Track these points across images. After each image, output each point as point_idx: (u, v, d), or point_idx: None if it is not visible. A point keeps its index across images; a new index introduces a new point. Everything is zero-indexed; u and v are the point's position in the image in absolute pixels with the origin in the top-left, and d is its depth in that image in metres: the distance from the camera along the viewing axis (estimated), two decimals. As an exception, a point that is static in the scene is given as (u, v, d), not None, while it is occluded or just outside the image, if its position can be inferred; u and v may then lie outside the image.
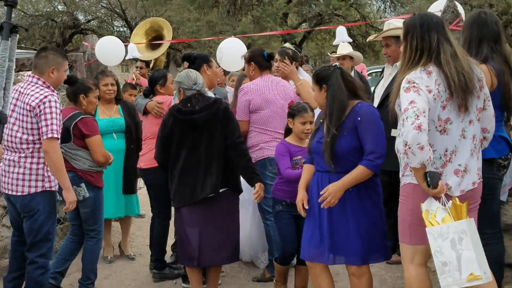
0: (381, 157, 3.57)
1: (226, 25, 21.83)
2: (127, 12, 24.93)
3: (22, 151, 4.11)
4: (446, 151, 3.22)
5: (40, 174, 4.14)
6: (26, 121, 4.07)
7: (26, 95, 4.08)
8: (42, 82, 4.16)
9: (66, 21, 25.23)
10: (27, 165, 4.11)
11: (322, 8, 23.05)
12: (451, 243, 3.07)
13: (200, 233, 4.39)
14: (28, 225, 4.15)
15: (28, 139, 4.08)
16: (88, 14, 26.00)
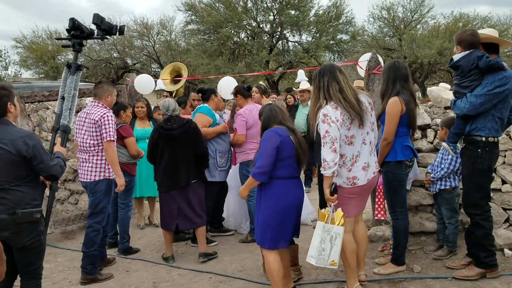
0: (259, 167, 3.32)
1: (228, 68, 21.77)
2: (160, 58, 24.80)
3: (90, 152, 4.25)
4: (353, 156, 3.35)
5: (102, 167, 4.25)
6: (92, 131, 4.22)
7: (92, 114, 4.25)
8: (101, 104, 4.33)
9: (119, 64, 25.09)
10: (94, 160, 4.24)
11: (292, 58, 23.09)
12: (330, 238, 3.30)
13: (178, 208, 4.61)
14: (91, 201, 4.30)
15: (94, 143, 4.24)
16: (134, 59, 25.85)
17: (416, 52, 21.82)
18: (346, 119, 3.23)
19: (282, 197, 3.36)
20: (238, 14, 22.74)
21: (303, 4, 22.79)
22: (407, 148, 3.76)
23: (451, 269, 3.87)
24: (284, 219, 3.39)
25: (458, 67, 3.54)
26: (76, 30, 3.81)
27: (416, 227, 4.56)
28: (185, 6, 23.70)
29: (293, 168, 3.41)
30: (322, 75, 3.35)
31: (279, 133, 3.38)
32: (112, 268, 4.62)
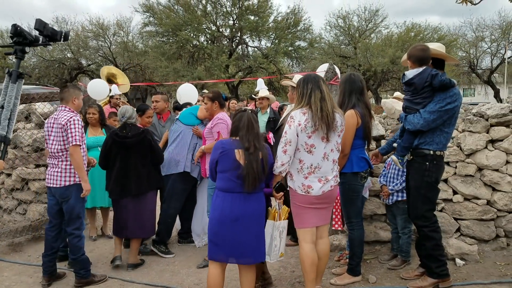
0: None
1: (187, 71, 21.54)
2: (117, 60, 24.19)
3: (59, 157, 4.13)
4: (311, 165, 3.37)
5: (72, 172, 4.14)
6: (59, 136, 4.09)
7: (59, 118, 4.12)
8: (68, 109, 4.20)
9: (73, 65, 24.30)
10: (62, 166, 4.13)
11: (251, 63, 23.16)
12: (279, 233, 3.47)
13: (127, 216, 4.56)
14: (65, 208, 4.17)
15: (62, 148, 4.12)
16: (89, 60, 25.08)
17: (370, 60, 22.45)
18: (309, 127, 3.26)
19: (217, 208, 3.30)
20: (197, 18, 22.56)
21: (262, 10, 22.96)
22: (362, 159, 3.80)
23: (405, 280, 3.92)
24: (218, 231, 3.28)
25: (412, 84, 3.60)
26: (18, 36, 3.64)
27: (371, 236, 4.61)
28: (142, 8, 23.31)
29: (233, 182, 3.25)
30: (306, 83, 3.39)
31: (223, 144, 3.32)
32: (62, 282, 4.37)
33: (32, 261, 4.97)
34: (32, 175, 5.71)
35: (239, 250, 3.29)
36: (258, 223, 3.34)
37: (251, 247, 3.30)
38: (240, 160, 3.24)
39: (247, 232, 3.27)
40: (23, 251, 5.30)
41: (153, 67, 23.31)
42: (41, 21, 3.71)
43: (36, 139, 5.71)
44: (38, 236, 5.54)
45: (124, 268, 4.66)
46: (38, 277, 4.50)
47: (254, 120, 3.40)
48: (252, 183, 3.21)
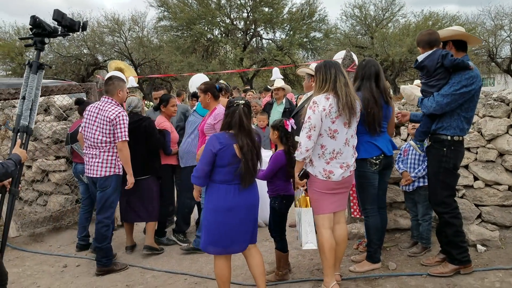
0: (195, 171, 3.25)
1: (201, 65, 21.57)
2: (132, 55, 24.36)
3: (101, 148, 4.26)
4: (333, 150, 3.38)
5: (112, 163, 4.29)
6: (106, 128, 4.21)
7: (106, 111, 4.24)
8: (114, 101, 4.34)
9: (89, 60, 24.50)
10: (104, 157, 4.26)
11: (266, 55, 23.09)
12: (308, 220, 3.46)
13: (127, 201, 4.73)
14: (100, 196, 4.31)
15: (106, 140, 4.25)
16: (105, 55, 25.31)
17: (387, 50, 22.15)
18: (334, 112, 3.27)
19: (213, 199, 3.24)
20: (211, 11, 22.56)
21: (277, 2, 22.85)
22: (370, 145, 3.71)
23: (425, 266, 3.89)
24: (217, 221, 3.21)
25: (423, 67, 3.56)
26: (37, 28, 3.71)
27: (390, 224, 4.58)
28: (157, 2, 23.39)
29: (230, 175, 3.20)
30: (329, 68, 3.37)
31: (220, 140, 3.19)
32: (83, 272, 4.47)
33: (53, 251, 5.10)
34: (52, 167, 5.83)
35: (235, 238, 3.25)
36: (252, 212, 3.31)
37: (246, 235, 3.29)
38: (239, 155, 3.17)
39: (241, 222, 3.24)
40: (44, 241, 5.44)
41: (168, 62, 23.38)
42: (59, 11, 3.76)
43: (56, 131, 5.82)
44: (58, 227, 5.67)
45: (144, 256, 4.75)
46: (59, 267, 4.62)
47: (246, 116, 3.27)
48: (249, 179, 3.21)
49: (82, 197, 5.14)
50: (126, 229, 5.00)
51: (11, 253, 4.97)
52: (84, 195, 5.08)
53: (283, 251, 3.90)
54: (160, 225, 5.13)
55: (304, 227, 3.46)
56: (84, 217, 5.02)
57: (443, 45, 3.62)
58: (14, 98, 5.33)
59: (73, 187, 6.00)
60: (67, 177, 5.88)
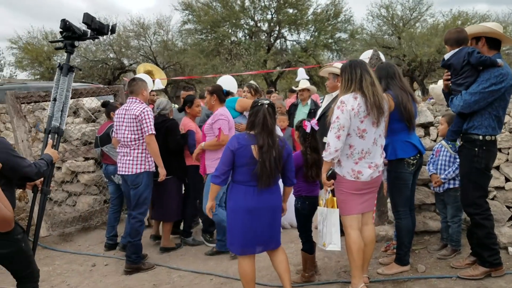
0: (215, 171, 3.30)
1: (225, 68, 21.74)
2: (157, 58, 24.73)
3: (131, 146, 4.42)
4: (362, 150, 3.35)
5: (143, 160, 4.43)
6: (133, 126, 4.38)
7: (131, 109, 4.40)
8: (138, 100, 4.50)
9: (116, 64, 25.01)
10: (134, 154, 4.41)
11: (290, 57, 23.10)
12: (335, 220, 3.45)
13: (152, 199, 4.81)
14: (133, 193, 4.46)
15: (135, 138, 4.41)
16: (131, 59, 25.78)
17: (415, 50, 21.82)
18: (362, 111, 3.25)
19: (233, 199, 3.30)
20: (235, 13, 22.73)
21: (301, 3, 22.84)
22: (407, 144, 3.69)
23: (455, 269, 3.84)
24: (236, 222, 3.26)
25: (450, 65, 3.52)
26: (67, 31, 3.81)
27: (419, 226, 4.53)
28: (182, 6, 23.71)
29: (248, 176, 3.23)
30: (354, 67, 3.35)
31: (239, 139, 3.23)
32: (111, 271, 4.57)
33: (82, 250, 5.23)
34: (81, 168, 5.99)
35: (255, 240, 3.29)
36: (272, 214, 3.32)
37: (267, 237, 3.31)
38: (256, 156, 3.19)
39: (261, 223, 3.25)
40: (73, 241, 5.59)
41: (192, 65, 23.66)
42: (89, 15, 3.86)
43: (85, 133, 5.98)
44: (87, 227, 5.82)
45: (171, 255, 4.83)
46: (88, 266, 4.74)
47: (270, 116, 3.28)
48: (266, 181, 3.19)
49: (112, 197, 5.26)
50: (156, 224, 5.35)
51: (41, 252, 5.12)
52: (113, 195, 5.21)
53: (309, 252, 3.90)
54: (186, 225, 5.20)
55: (328, 228, 3.47)
56: (113, 216, 5.15)
57: (476, 41, 3.56)
58: (44, 100, 5.52)
59: (101, 188, 6.15)
60: (95, 178, 6.03)
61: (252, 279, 3.38)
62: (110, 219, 5.18)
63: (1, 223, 2.26)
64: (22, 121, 5.29)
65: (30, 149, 5.33)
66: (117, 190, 5.16)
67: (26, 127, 5.36)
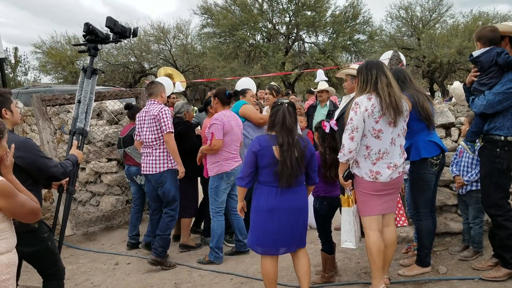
0: (240, 173, 3.38)
1: (243, 70, 21.82)
2: (177, 62, 25.03)
3: (153, 146, 4.52)
4: (379, 151, 3.32)
5: (165, 158, 4.52)
6: (153, 126, 4.48)
7: (151, 110, 4.51)
8: (157, 102, 4.61)
9: (136, 68, 25.42)
10: (156, 153, 4.51)
11: (308, 59, 23.04)
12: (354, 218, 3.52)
13: None
14: (162, 192, 4.59)
15: (156, 137, 4.50)
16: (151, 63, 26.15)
17: (435, 51, 21.56)
18: (376, 112, 3.23)
19: (256, 199, 3.33)
20: (253, 16, 22.81)
21: (320, 5, 22.77)
22: (430, 144, 3.65)
23: (477, 270, 3.78)
24: (259, 222, 3.29)
25: (478, 62, 3.48)
26: (91, 34, 3.90)
27: (440, 228, 4.48)
28: (201, 10, 23.90)
29: (270, 176, 3.23)
30: (369, 69, 3.34)
31: (260, 141, 3.25)
32: (134, 269, 4.64)
33: (105, 249, 5.33)
34: (104, 169, 6.10)
35: (278, 240, 3.28)
36: (297, 215, 3.30)
37: (291, 237, 3.30)
38: (278, 156, 3.19)
39: (284, 224, 3.25)
40: (97, 240, 5.69)
41: (211, 68, 23.88)
42: (112, 18, 3.94)
43: (108, 135, 6.09)
44: (110, 226, 5.92)
45: (192, 255, 4.89)
46: (111, 264, 4.82)
47: (290, 114, 3.26)
48: (287, 179, 3.16)
49: (134, 197, 5.35)
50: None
51: (66, 251, 5.23)
52: (135, 195, 5.29)
53: (329, 253, 3.89)
54: (206, 225, 5.25)
55: (344, 226, 3.51)
56: (135, 216, 5.23)
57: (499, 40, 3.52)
58: (69, 103, 5.64)
59: (124, 188, 6.24)
60: (118, 179, 6.13)
61: (274, 280, 3.40)
62: (132, 218, 5.26)
63: (29, 214, 2.34)
64: (48, 123, 5.41)
65: (56, 150, 5.45)
66: (139, 191, 5.24)
67: (52, 129, 5.48)
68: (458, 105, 4.82)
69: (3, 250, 2.25)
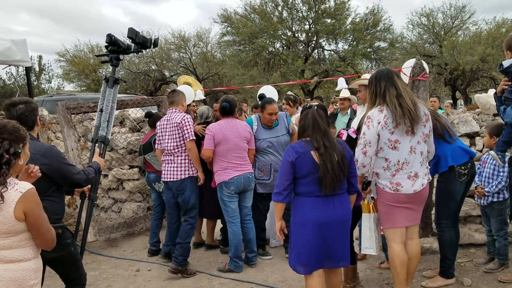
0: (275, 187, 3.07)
1: (263, 78, 21.87)
2: (197, 70, 25.23)
3: (174, 153, 4.57)
4: (398, 161, 3.27)
5: (186, 166, 4.55)
6: (175, 134, 4.53)
7: (173, 119, 4.58)
8: (178, 110, 4.67)
9: (157, 76, 25.71)
10: (178, 161, 4.55)
11: (328, 66, 22.96)
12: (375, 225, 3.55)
13: None
14: (182, 199, 4.60)
15: (177, 145, 4.55)
16: (172, 71, 26.42)
17: (457, 59, 21.22)
18: (390, 123, 3.20)
19: (299, 213, 3.02)
20: (273, 24, 22.87)
21: (340, 13, 22.69)
22: (459, 150, 3.61)
23: (503, 283, 3.70)
24: (305, 238, 2.98)
25: (509, 73, 3.41)
26: (113, 45, 3.97)
27: (465, 239, 4.40)
28: (221, 18, 24.08)
29: (313, 186, 2.98)
30: (378, 80, 3.31)
31: (296, 148, 3.02)
32: (154, 276, 4.68)
33: (127, 255, 5.38)
34: (126, 176, 6.19)
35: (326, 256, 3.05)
36: (344, 228, 3.08)
37: (336, 251, 3.07)
38: (318, 162, 2.97)
39: (333, 237, 3.01)
40: (118, 246, 5.75)
41: (230, 75, 24.02)
42: (133, 29, 4.02)
43: (130, 142, 6.17)
44: (131, 233, 5.98)
45: (212, 263, 4.90)
46: (132, 270, 4.86)
47: (320, 117, 3.07)
48: (330, 185, 2.92)
49: (154, 204, 5.40)
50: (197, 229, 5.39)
51: (88, 257, 5.30)
52: (156, 202, 5.35)
53: (351, 262, 3.85)
54: (224, 235, 5.23)
55: (364, 233, 3.50)
56: (156, 223, 5.28)
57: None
58: (93, 111, 5.75)
59: (145, 195, 6.31)
60: (139, 186, 6.20)
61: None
62: (153, 225, 5.32)
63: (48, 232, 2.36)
64: (72, 130, 5.52)
65: (79, 157, 5.55)
66: (159, 198, 5.30)
67: (76, 136, 5.59)
68: (483, 114, 4.74)
69: (31, 256, 2.29)
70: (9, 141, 2.21)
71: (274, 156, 4.78)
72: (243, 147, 4.59)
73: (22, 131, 2.33)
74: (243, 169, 4.55)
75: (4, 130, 2.23)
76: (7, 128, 2.25)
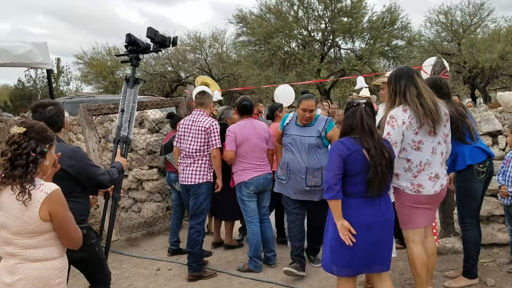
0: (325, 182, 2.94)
1: (278, 78, 21.89)
2: (212, 71, 25.35)
3: (196, 157, 4.49)
4: (420, 162, 3.22)
5: (206, 170, 4.50)
6: (200, 137, 4.46)
7: (200, 121, 4.49)
8: (206, 113, 4.59)
9: (173, 77, 25.92)
10: (198, 164, 4.49)
11: (344, 65, 22.86)
12: None
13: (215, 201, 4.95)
14: (193, 203, 4.54)
15: (200, 149, 4.48)
16: (187, 72, 26.60)
17: (476, 56, 20.92)
18: (414, 123, 3.14)
19: (346, 215, 2.87)
20: (288, 24, 22.86)
21: (356, 11, 22.57)
22: (476, 149, 3.55)
23: (529, 284, 3.65)
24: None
25: None
26: (132, 45, 4.01)
27: (487, 239, 4.34)
28: (236, 19, 24.20)
29: (359, 186, 2.86)
30: (398, 79, 3.24)
31: (346, 145, 2.87)
32: (175, 275, 4.73)
33: (147, 254, 5.44)
34: (146, 176, 6.26)
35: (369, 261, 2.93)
36: (388, 229, 2.97)
37: (382, 254, 2.96)
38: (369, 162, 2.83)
39: (378, 240, 2.90)
40: (139, 245, 5.82)
41: (246, 76, 24.09)
42: (152, 28, 4.05)
43: (149, 143, 6.25)
44: (151, 232, 6.05)
45: (231, 263, 4.92)
46: (153, 270, 4.91)
47: (369, 116, 2.92)
48: (378, 188, 2.83)
49: (174, 204, 5.46)
50: (215, 225, 5.53)
51: (110, 256, 5.28)
52: (176, 202, 5.40)
53: None
54: (244, 235, 5.28)
55: None
56: (175, 223, 5.32)
57: None
58: (113, 112, 5.83)
59: (164, 195, 6.38)
60: (159, 186, 6.27)
61: None
62: (172, 225, 5.35)
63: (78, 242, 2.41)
64: (94, 132, 5.61)
65: (101, 158, 5.64)
66: (179, 198, 5.34)
67: (97, 137, 5.67)
68: (505, 112, 4.67)
69: (56, 255, 2.33)
70: (35, 140, 2.25)
71: (293, 155, 4.24)
72: (263, 148, 4.60)
73: (49, 132, 2.37)
74: (263, 169, 4.56)
75: (32, 129, 2.27)
76: (35, 128, 2.29)
